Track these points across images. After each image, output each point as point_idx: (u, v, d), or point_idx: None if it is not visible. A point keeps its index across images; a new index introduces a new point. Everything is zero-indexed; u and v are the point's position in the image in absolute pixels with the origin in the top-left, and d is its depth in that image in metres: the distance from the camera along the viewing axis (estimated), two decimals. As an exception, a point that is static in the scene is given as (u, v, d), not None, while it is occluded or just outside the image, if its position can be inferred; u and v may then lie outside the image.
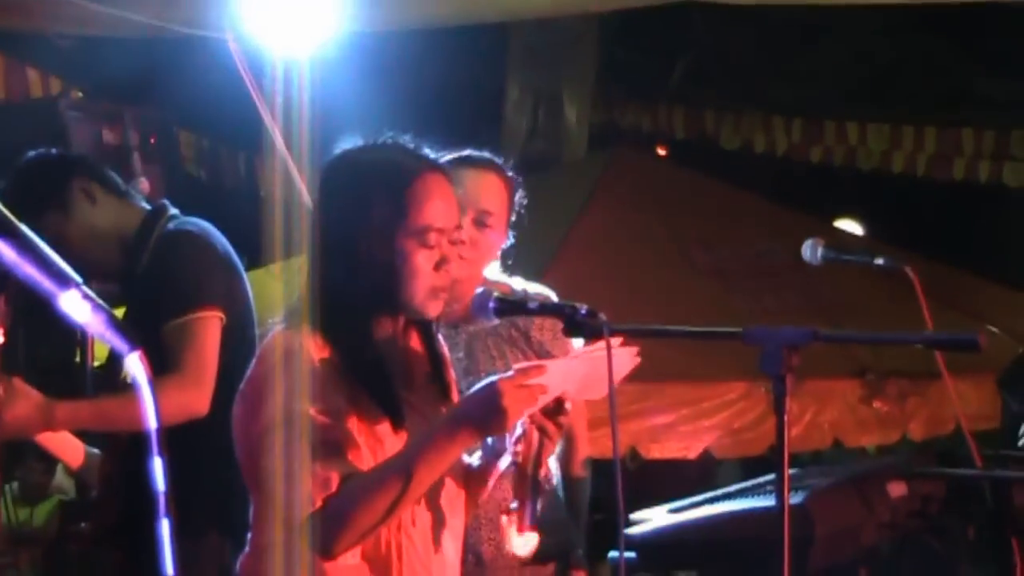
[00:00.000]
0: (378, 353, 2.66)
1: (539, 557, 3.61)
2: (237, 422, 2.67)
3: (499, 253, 3.76)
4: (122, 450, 3.75)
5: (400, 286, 2.63)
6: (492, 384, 2.49)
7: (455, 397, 2.84)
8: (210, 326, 3.63)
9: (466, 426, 2.51)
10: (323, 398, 2.54)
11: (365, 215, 2.62)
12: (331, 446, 2.52)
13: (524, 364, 2.54)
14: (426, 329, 2.80)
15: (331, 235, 2.65)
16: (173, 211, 3.86)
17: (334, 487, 2.49)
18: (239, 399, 2.67)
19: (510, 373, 2.51)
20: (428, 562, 2.72)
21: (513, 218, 3.76)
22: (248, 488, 2.69)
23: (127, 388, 3.66)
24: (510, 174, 3.77)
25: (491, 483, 2.87)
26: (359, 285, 2.62)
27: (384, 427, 2.63)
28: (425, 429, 2.58)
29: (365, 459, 2.57)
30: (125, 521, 3.76)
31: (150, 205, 3.90)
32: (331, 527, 2.49)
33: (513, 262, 3.89)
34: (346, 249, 2.62)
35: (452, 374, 2.90)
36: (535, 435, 2.66)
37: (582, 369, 2.60)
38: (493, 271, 3.75)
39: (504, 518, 2.71)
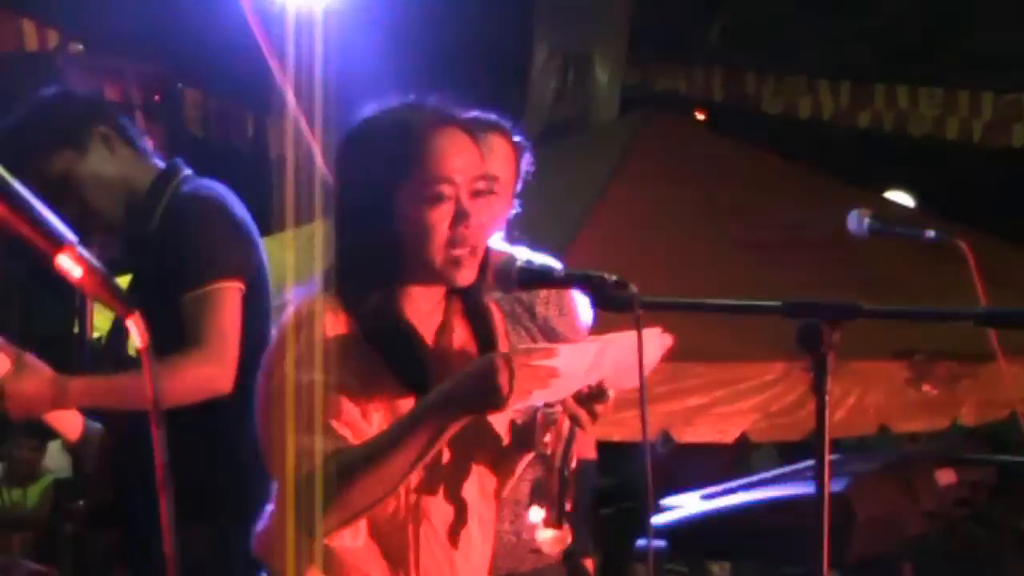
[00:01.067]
0: (401, 323, 2.66)
1: None
2: (256, 396, 2.69)
3: (504, 222, 3.75)
4: (123, 423, 3.76)
5: (416, 247, 2.62)
6: (488, 359, 2.47)
7: None
8: (230, 297, 3.62)
9: (456, 402, 2.49)
10: (331, 368, 2.55)
11: (377, 177, 2.63)
12: (328, 420, 2.53)
13: (533, 345, 2.52)
14: (470, 301, 2.79)
15: (347, 201, 2.67)
16: (187, 171, 3.86)
17: (319, 462, 2.49)
18: (260, 372, 2.69)
19: (512, 350, 2.50)
20: (451, 554, 2.72)
21: (520, 185, 3.75)
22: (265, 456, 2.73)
23: (138, 362, 3.68)
24: (517, 138, 3.76)
25: (515, 475, 2.86)
26: (376, 250, 2.63)
27: (407, 405, 2.62)
28: (416, 405, 2.56)
29: (374, 434, 2.57)
30: (123, 498, 3.77)
31: (164, 164, 3.89)
32: (317, 504, 2.48)
33: (537, 232, 3.89)
34: (357, 216, 2.63)
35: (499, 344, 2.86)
36: (566, 425, 2.64)
37: (610, 355, 2.58)
38: (497, 241, 3.74)
39: (532, 510, 2.70)
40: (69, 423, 3.92)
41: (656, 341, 2.63)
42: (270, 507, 2.73)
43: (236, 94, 9.81)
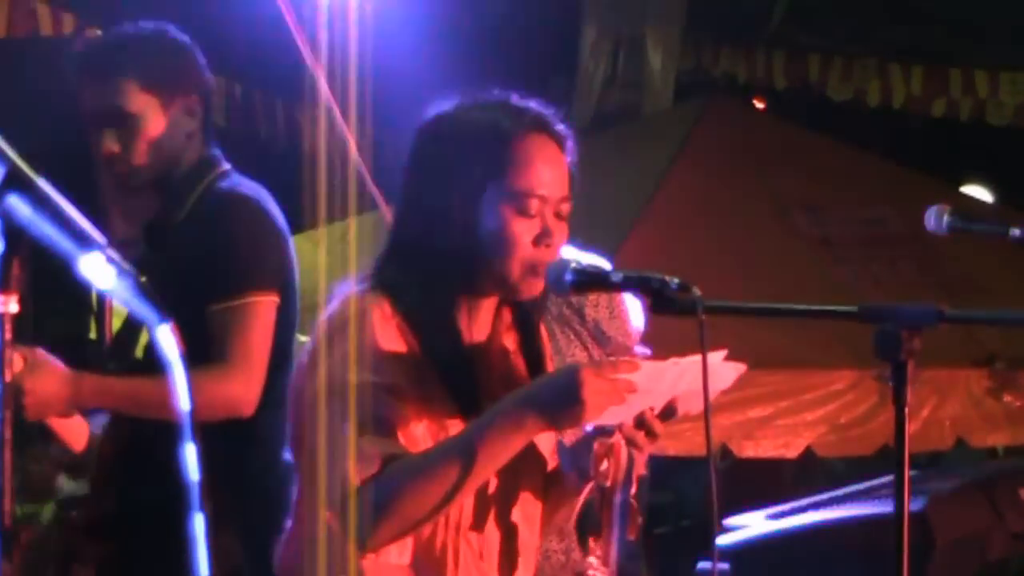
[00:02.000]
0: (457, 334, 2.67)
1: None
2: (291, 397, 2.72)
3: None
4: (125, 431, 3.77)
5: (493, 258, 2.64)
6: (573, 371, 2.48)
7: None
8: (264, 312, 3.61)
9: (535, 414, 2.50)
10: (381, 370, 2.56)
11: (458, 177, 2.65)
12: (380, 422, 2.54)
13: (616, 357, 2.52)
14: (522, 314, 2.80)
15: (419, 199, 2.69)
16: (226, 166, 3.85)
17: (376, 467, 2.50)
18: (296, 372, 2.72)
19: (597, 362, 2.50)
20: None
21: None
22: (296, 472, 2.73)
23: (150, 367, 3.69)
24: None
25: (575, 504, 2.86)
26: (445, 255, 2.64)
27: (451, 411, 2.64)
28: (487, 412, 2.57)
29: (421, 445, 2.58)
30: (123, 510, 3.78)
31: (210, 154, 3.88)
32: (370, 513, 2.49)
33: (587, 229, 3.87)
34: (434, 214, 2.65)
35: (551, 368, 2.88)
36: (624, 450, 2.63)
37: (683, 377, 2.57)
38: None
39: (591, 542, 2.69)
40: (75, 432, 3.93)
41: (729, 369, 2.63)
42: (298, 522, 2.73)
43: (264, 82, 9.83)
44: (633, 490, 2.67)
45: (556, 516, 2.90)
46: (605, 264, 3.62)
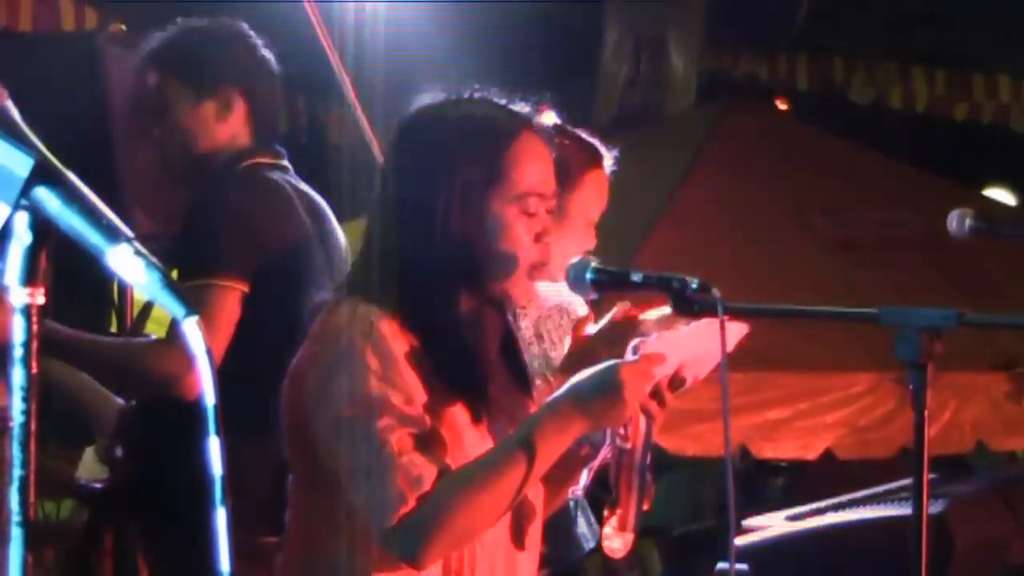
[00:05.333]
0: (461, 336, 2.65)
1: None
2: (288, 404, 2.66)
3: None
4: (146, 406, 3.77)
5: (494, 260, 2.62)
6: (613, 371, 2.49)
7: (532, 387, 2.83)
8: (226, 298, 3.53)
9: (581, 415, 2.51)
10: (402, 384, 2.53)
11: (454, 177, 2.61)
12: (420, 439, 2.51)
13: (647, 347, 2.52)
14: (501, 310, 2.78)
15: (410, 200, 2.64)
16: (279, 161, 3.82)
17: (428, 485, 2.48)
18: (291, 379, 2.65)
19: (634, 358, 2.50)
20: (495, 565, 2.71)
21: None
22: (299, 480, 2.70)
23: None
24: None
25: (580, 476, 2.87)
26: (441, 258, 2.60)
27: (463, 419, 2.63)
28: (532, 417, 2.58)
29: (449, 454, 2.57)
30: (143, 484, 3.78)
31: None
32: (425, 531, 2.48)
33: (606, 229, 3.88)
34: (428, 216, 2.60)
35: (527, 360, 2.88)
36: (641, 419, 2.65)
37: (693, 343, 2.60)
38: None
39: (606, 511, 2.71)
40: None
41: (732, 331, 2.63)
42: (313, 533, 2.70)
43: (288, 78, 9.81)
44: (648, 459, 2.69)
45: (566, 488, 2.91)
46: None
